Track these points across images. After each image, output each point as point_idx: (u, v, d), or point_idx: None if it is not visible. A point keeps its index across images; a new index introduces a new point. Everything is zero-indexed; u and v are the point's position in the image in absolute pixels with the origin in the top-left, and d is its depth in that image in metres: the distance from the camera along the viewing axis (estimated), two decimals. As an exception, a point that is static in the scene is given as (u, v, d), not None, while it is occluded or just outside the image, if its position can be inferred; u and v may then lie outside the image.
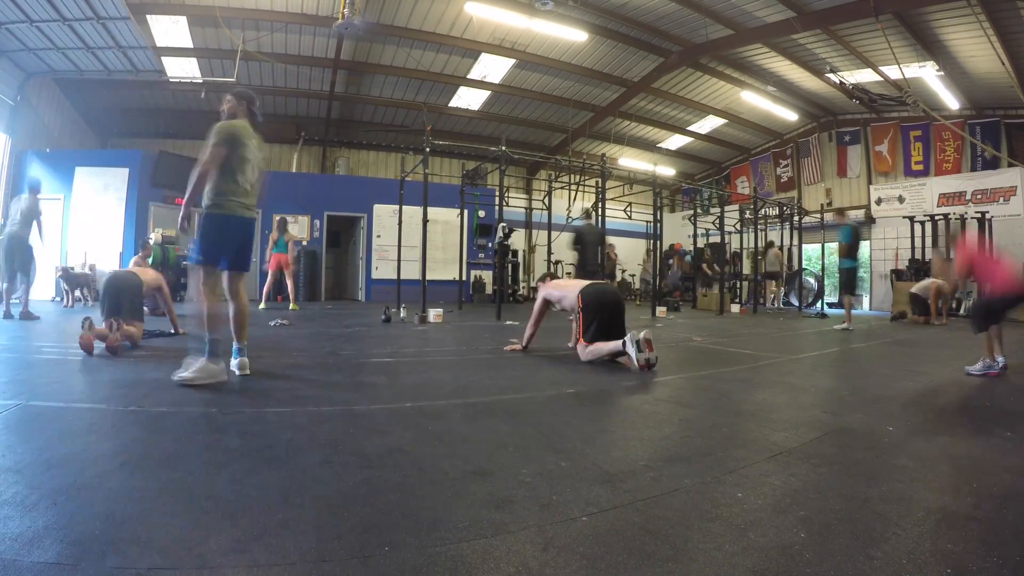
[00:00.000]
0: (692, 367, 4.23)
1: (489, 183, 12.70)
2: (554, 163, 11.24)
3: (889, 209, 13.89)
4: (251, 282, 12.55)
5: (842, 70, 11.93)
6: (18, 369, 3.43)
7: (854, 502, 1.59)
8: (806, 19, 10.14)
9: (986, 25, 9.24)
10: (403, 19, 10.69)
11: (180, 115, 13.59)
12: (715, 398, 3.09)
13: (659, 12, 10.73)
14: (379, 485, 1.64)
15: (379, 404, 2.69)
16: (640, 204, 14.02)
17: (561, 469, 1.82)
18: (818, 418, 2.63)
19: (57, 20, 8.53)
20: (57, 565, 1.14)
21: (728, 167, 18.90)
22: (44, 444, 1.94)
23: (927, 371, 4.21)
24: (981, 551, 1.29)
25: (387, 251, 12.71)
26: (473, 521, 1.41)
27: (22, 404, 2.48)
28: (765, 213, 13.22)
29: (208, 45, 10.75)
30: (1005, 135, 12.33)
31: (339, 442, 2.05)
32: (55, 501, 1.45)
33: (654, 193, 10.69)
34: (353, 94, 13.52)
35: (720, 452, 2.06)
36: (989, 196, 12.12)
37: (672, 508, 1.53)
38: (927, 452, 2.09)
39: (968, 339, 6.80)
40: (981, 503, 1.59)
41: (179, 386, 2.90)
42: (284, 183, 13.21)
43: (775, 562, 1.23)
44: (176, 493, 1.54)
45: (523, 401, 2.86)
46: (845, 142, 15.31)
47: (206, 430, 2.17)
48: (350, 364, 3.88)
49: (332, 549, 1.25)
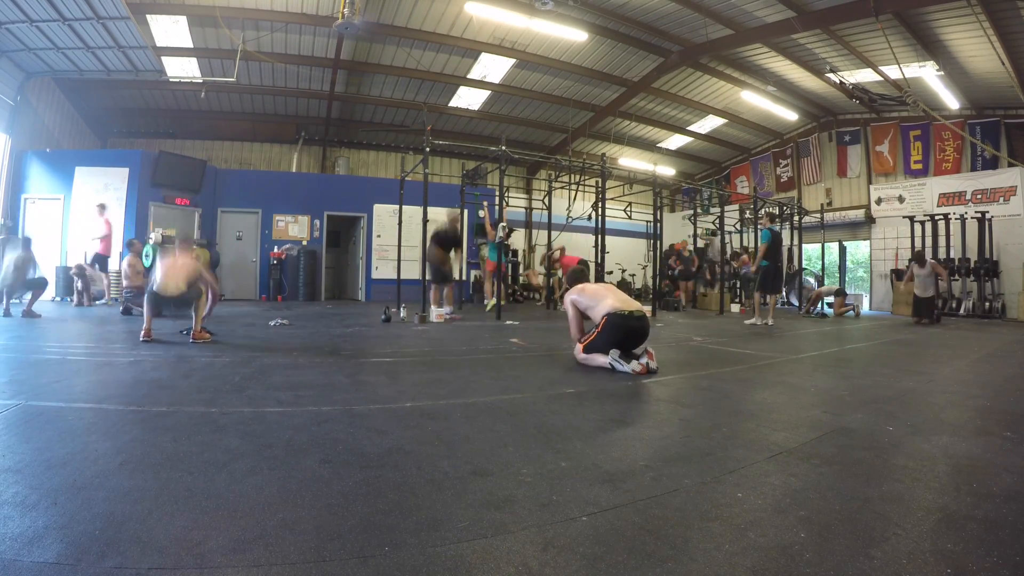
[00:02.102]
0: (692, 367, 4.23)
1: (489, 183, 12.70)
2: (554, 163, 11.24)
3: (889, 209, 13.89)
4: (251, 280, 12.57)
5: (842, 70, 11.93)
6: (18, 369, 3.43)
7: (854, 502, 1.59)
8: (806, 19, 10.14)
9: (986, 25, 9.24)
10: (403, 19, 10.69)
11: (180, 115, 13.59)
12: (715, 398, 3.09)
13: (659, 12, 10.73)
14: (379, 485, 1.64)
15: (379, 404, 2.69)
16: (640, 204, 14.02)
17: (561, 469, 1.82)
18: (818, 418, 2.63)
19: (57, 20, 8.52)
20: (57, 565, 1.14)
21: (728, 167, 18.90)
22: (44, 444, 1.94)
23: (927, 371, 4.21)
24: (981, 551, 1.29)
25: (387, 251, 12.71)
26: (473, 521, 1.41)
27: (22, 404, 2.48)
28: (765, 213, 13.20)
29: (208, 45, 10.75)
30: (1005, 135, 12.33)
31: (339, 442, 2.05)
32: (55, 501, 1.45)
33: (654, 193, 10.69)
34: (353, 94, 13.51)
35: (720, 452, 2.06)
36: (989, 196, 12.12)
37: (672, 508, 1.53)
38: (927, 452, 2.09)
39: (969, 339, 6.81)
40: (981, 503, 1.59)
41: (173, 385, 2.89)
42: (284, 183, 13.22)
43: (775, 562, 1.23)
44: (176, 493, 1.54)
45: (523, 401, 2.86)
46: (845, 142, 15.31)
47: (206, 430, 2.17)
48: (350, 364, 3.88)
49: (332, 549, 1.25)
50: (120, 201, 10.81)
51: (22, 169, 10.68)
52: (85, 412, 2.41)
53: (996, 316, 10.70)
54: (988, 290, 11.14)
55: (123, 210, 10.80)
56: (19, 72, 10.03)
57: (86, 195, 10.75)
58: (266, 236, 12.65)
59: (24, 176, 10.70)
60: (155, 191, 11.19)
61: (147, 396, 2.76)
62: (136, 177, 10.86)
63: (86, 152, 11.87)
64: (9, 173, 10.45)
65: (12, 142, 10.40)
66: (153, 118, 13.58)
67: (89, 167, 10.87)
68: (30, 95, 10.65)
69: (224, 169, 13.38)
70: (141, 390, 2.91)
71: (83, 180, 10.76)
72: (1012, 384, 3.72)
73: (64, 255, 10.51)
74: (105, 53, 9.57)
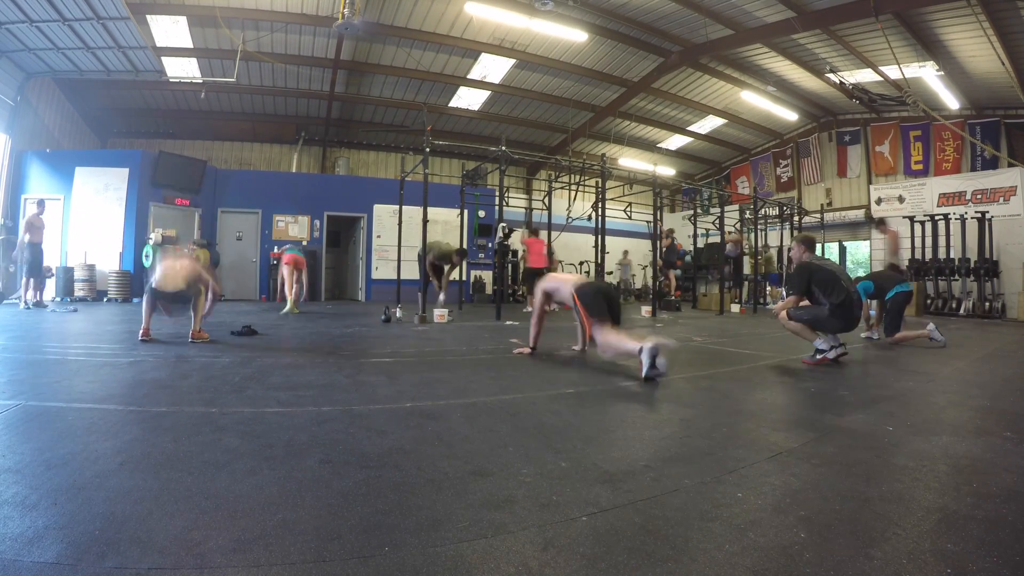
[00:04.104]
0: (692, 367, 4.23)
1: (489, 183, 12.70)
2: (554, 163, 11.23)
3: (889, 209, 13.88)
4: (251, 280, 12.57)
5: (842, 70, 11.94)
6: (18, 369, 3.43)
7: (854, 502, 1.58)
8: (806, 19, 10.15)
9: (986, 25, 9.25)
10: (403, 19, 10.69)
11: (180, 115, 13.60)
12: (715, 398, 3.09)
13: (659, 12, 10.74)
14: (379, 485, 1.64)
15: (379, 404, 2.69)
16: (640, 204, 14.02)
17: (561, 469, 1.82)
18: (818, 418, 2.63)
19: (57, 20, 8.53)
20: (57, 565, 1.14)
21: (728, 167, 18.91)
22: (44, 444, 1.94)
23: (927, 371, 4.21)
24: (981, 551, 1.29)
25: (387, 251, 12.71)
26: (473, 521, 1.41)
27: (22, 404, 2.48)
28: (765, 213, 13.22)
29: (208, 45, 10.76)
30: (1005, 135, 12.33)
31: (339, 442, 2.05)
32: (55, 501, 1.45)
33: (654, 193, 10.69)
34: (353, 94, 13.52)
35: (720, 452, 2.06)
36: (989, 196, 12.12)
37: (672, 508, 1.53)
38: (927, 452, 2.09)
39: (969, 339, 6.80)
40: (981, 503, 1.59)
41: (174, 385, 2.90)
42: (284, 183, 13.23)
43: (775, 562, 1.23)
44: (176, 493, 1.54)
45: (523, 401, 2.86)
46: (845, 142, 15.31)
47: (206, 430, 2.16)
48: (350, 364, 3.88)
49: (332, 549, 1.25)
50: (120, 201, 10.82)
51: (22, 169, 10.69)
52: (85, 412, 2.41)
53: (996, 316, 10.70)
54: (988, 290, 11.14)
55: (123, 210, 10.81)
56: (19, 72, 10.04)
57: (86, 195, 10.76)
58: (266, 236, 12.66)
59: (24, 176, 10.70)
60: (155, 191, 11.19)
61: (147, 396, 2.76)
62: (136, 177, 10.87)
63: (86, 152, 11.88)
64: (9, 173, 10.46)
65: (12, 142, 10.41)
66: (153, 118, 13.59)
67: (89, 167, 10.89)
68: (30, 95, 10.65)
69: (224, 169, 13.39)
70: (141, 390, 2.91)
71: (83, 180, 10.77)
72: (1012, 384, 3.72)
73: (64, 255, 10.52)
74: (105, 53, 9.57)
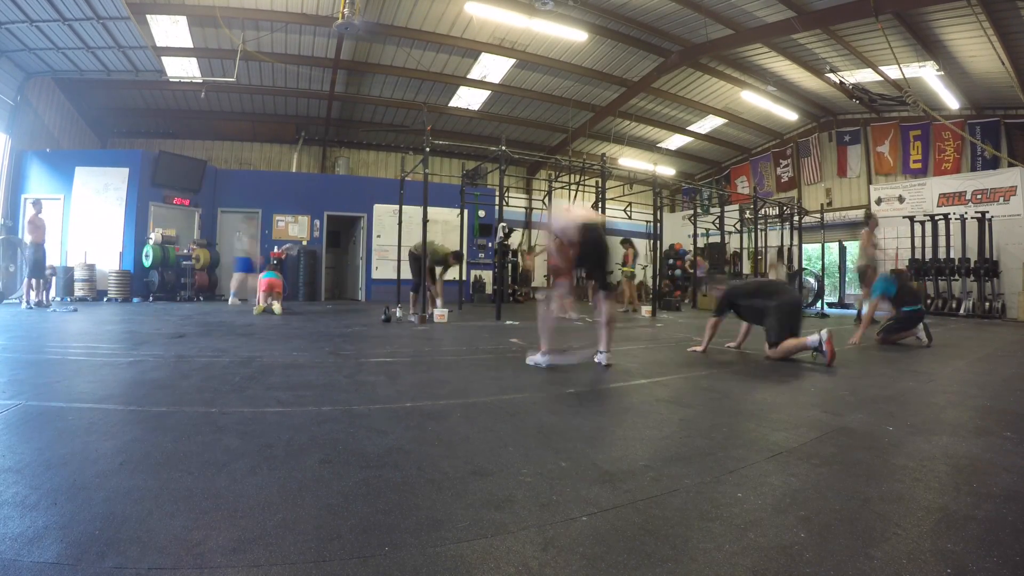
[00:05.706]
0: (692, 367, 4.23)
1: (489, 183, 12.70)
2: (554, 163, 11.24)
3: (889, 209, 13.89)
4: (250, 281, 12.57)
5: (842, 70, 11.94)
6: (18, 369, 3.43)
7: (854, 502, 1.59)
8: (806, 19, 10.14)
9: (986, 25, 9.25)
10: (403, 19, 10.69)
11: (180, 115, 13.60)
12: (715, 398, 3.09)
13: (659, 12, 10.74)
14: (379, 485, 1.64)
15: (379, 404, 2.69)
16: (640, 204, 14.02)
17: (561, 469, 1.82)
18: (818, 418, 2.63)
19: (57, 20, 8.53)
20: (57, 565, 1.14)
21: (728, 167, 18.91)
22: (44, 444, 1.94)
23: (927, 371, 4.21)
24: (981, 551, 1.29)
25: (387, 251, 12.71)
26: (473, 521, 1.41)
27: (22, 404, 2.48)
28: (765, 213, 13.23)
29: (208, 45, 10.76)
30: (1005, 135, 12.33)
31: (339, 442, 2.05)
32: (55, 501, 1.45)
33: (654, 193, 10.69)
34: (353, 94, 13.52)
35: (720, 452, 2.06)
36: (989, 196, 12.12)
37: (672, 508, 1.53)
38: (927, 452, 2.09)
39: (969, 339, 6.81)
40: (981, 503, 1.59)
41: (174, 387, 2.89)
42: (284, 183, 13.23)
43: (775, 562, 1.23)
44: (176, 493, 1.54)
45: (523, 401, 2.86)
46: (845, 142, 15.31)
47: (206, 430, 2.16)
48: (350, 364, 3.88)
49: (332, 549, 1.25)
50: (120, 201, 10.83)
51: (22, 169, 10.69)
52: (85, 412, 2.41)
53: (996, 316, 10.70)
54: (988, 290, 11.14)
55: (123, 210, 10.81)
56: (19, 72, 10.04)
57: (86, 195, 10.76)
58: (266, 236, 12.66)
59: (24, 176, 10.71)
60: (155, 191, 11.19)
61: (147, 396, 2.76)
62: (136, 177, 10.87)
63: (86, 152, 11.89)
64: (9, 173, 10.46)
65: (12, 142, 10.41)
66: (153, 118, 13.59)
67: (89, 167, 10.89)
68: (30, 95, 10.65)
69: (224, 169, 13.39)
70: (141, 390, 2.91)
71: (83, 180, 10.78)
72: (1012, 384, 3.71)
73: (64, 255, 10.52)
74: (105, 53, 9.57)
